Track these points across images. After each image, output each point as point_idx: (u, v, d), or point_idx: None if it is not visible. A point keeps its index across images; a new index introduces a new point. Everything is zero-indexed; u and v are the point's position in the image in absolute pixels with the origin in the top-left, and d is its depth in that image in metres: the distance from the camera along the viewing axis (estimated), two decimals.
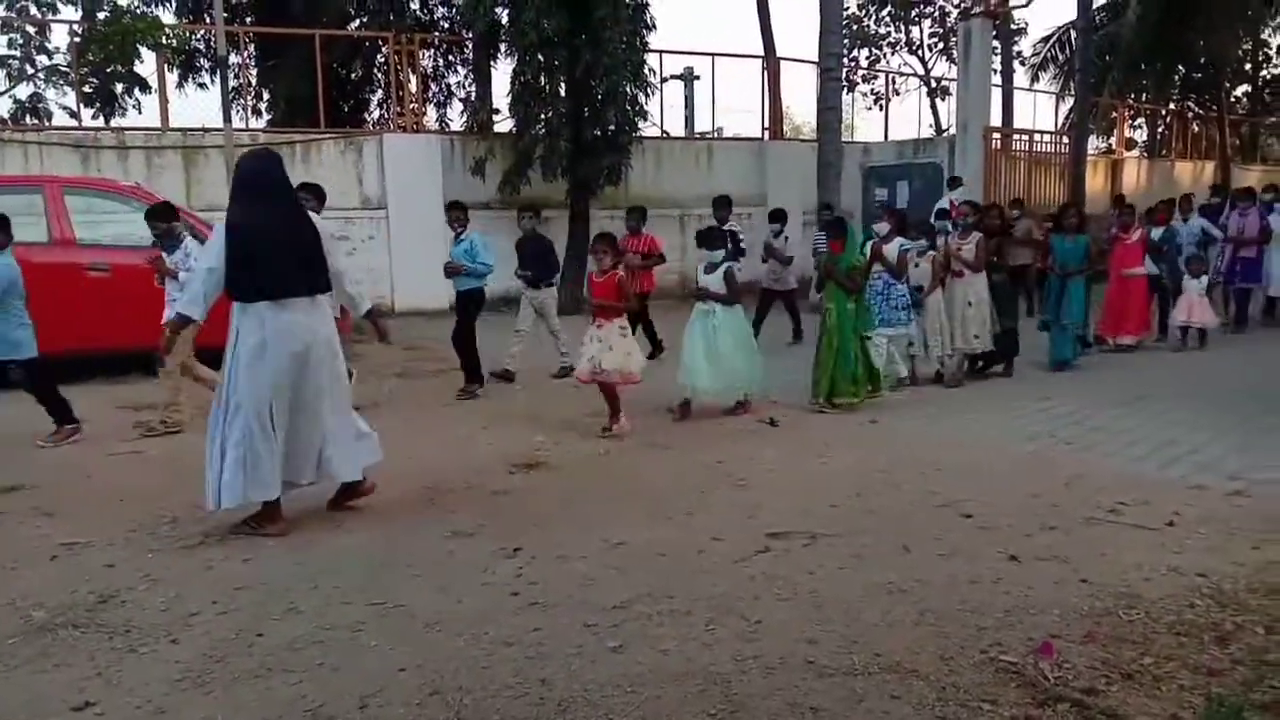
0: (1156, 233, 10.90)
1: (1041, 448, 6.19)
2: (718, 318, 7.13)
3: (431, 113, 19.25)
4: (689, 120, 21.91)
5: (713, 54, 18.73)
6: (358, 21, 18.79)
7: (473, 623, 3.56)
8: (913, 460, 5.87)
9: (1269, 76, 31.80)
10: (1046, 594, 3.74)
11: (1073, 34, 22.03)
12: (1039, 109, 33.28)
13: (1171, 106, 27.73)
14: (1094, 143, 23.59)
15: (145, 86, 15.43)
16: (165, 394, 6.91)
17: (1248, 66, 30.18)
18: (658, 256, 9.97)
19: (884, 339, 8.04)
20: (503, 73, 16.18)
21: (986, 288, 8.42)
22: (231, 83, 13.77)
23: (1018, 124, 21.08)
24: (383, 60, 18.10)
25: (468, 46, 18.00)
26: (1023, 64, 26.93)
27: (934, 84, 28.39)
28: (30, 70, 15.69)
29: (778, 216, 11.26)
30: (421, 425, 6.98)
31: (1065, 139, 18.79)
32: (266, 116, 18.90)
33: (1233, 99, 29.73)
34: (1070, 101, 22.65)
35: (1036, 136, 18.22)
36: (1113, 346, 10.17)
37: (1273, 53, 30.90)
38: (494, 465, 5.87)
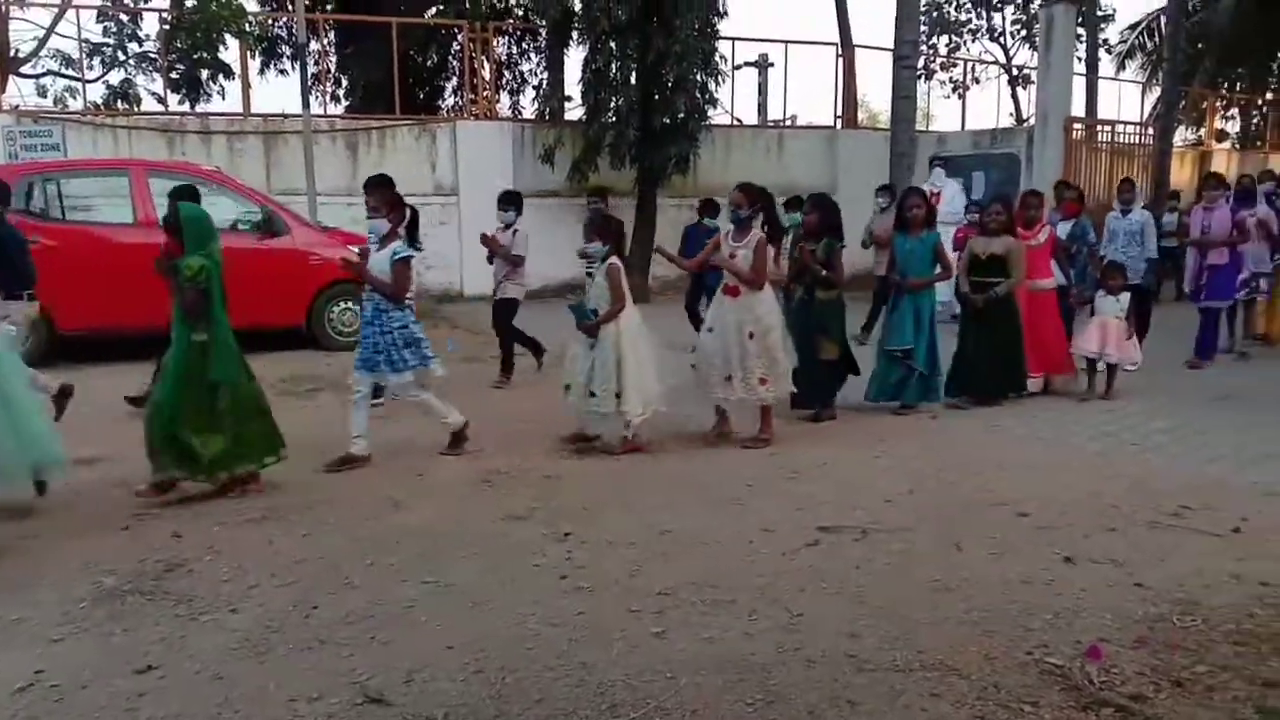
0: (1063, 228, 8.38)
1: (1106, 448, 6.04)
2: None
3: (504, 100, 19.46)
4: (761, 108, 21.72)
5: (786, 41, 18.55)
6: (434, 9, 19.06)
7: (520, 603, 3.64)
8: (972, 458, 5.78)
9: None
10: (1099, 597, 3.67)
11: (1163, 20, 21.24)
12: (1124, 99, 32.26)
13: (1269, 96, 26.60)
14: (1183, 134, 22.75)
15: (229, 73, 15.90)
16: None
17: None
18: None
19: (366, 386, 5.65)
20: (575, 60, 16.28)
21: (775, 310, 6.15)
22: (311, 69, 14.09)
23: (1101, 114, 20.47)
24: (457, 48, 18.34)
25: (541, 34, 18.12)
26: (1109, 52, 26.12)
27: (1015, 72, 27.70)
28: (122, 57, 16.27)
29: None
30: (479, 408, 6.99)
31: (1150, 130, 18.16)
32: (344, 103, 19.32)
33: None
34: (1158, 91, 21.89)
35: (1120, 127, 17.66)
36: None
37: None
38: (548, 449, 5.94)
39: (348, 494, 5.06)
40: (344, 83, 19.32)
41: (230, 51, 15.54)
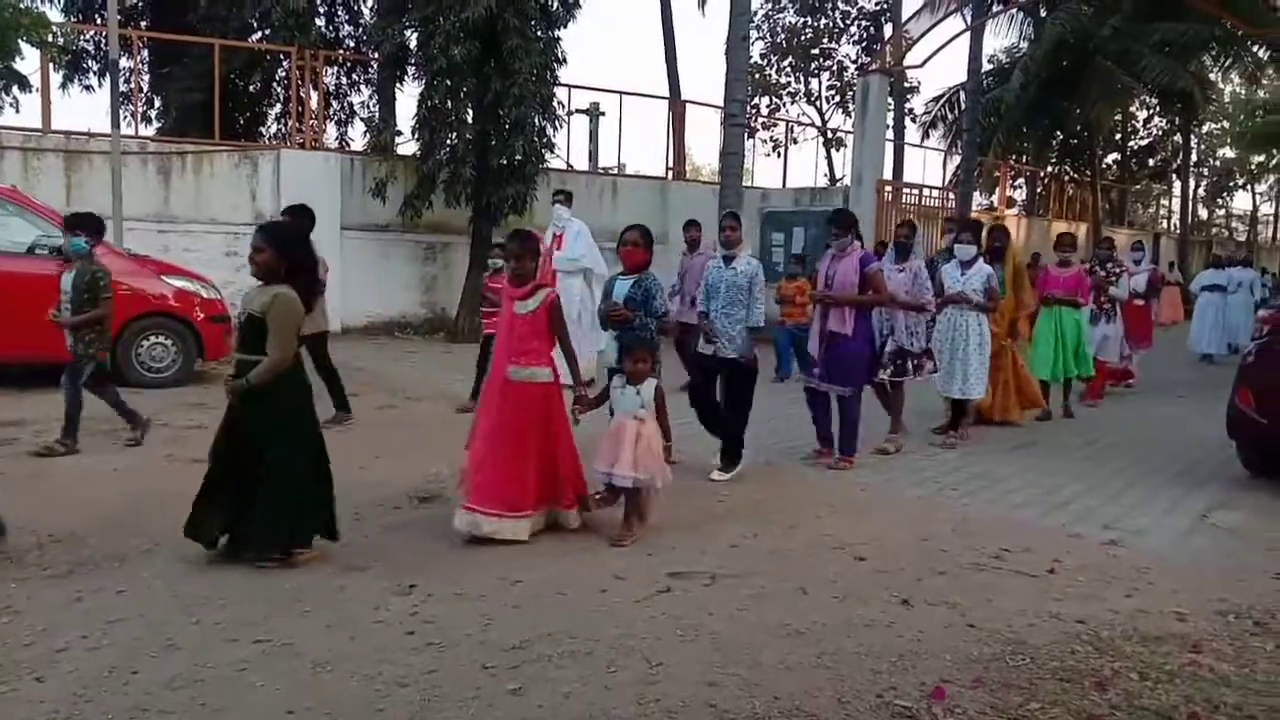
0: (621, 287, 6.03)
1: (929, 493, 6.37)
2: None
3: (331, 130, 18.85)
4: (593, 155, 22.04)
5: (620, 92, 18.98)
6: (259, 34, 18.29)
7: (366, 663, 3.44)
8: (807, 501, 5.97)
9: (1136, 147, 34.29)
10: (937, 638, 3.84)
11: (962, 95, 23.09)
12: (928, 165, 34.85)
13: (1049, 169, 29.42)
14: (978, 199, 24.77)
15: (25, 85, 14.64)
16: None
17: (1118, 136, 32.43)
18: None
19: None
20: (408, 95, 16.03)
21: None
22: (121, 87, 13.21)
23: (908, 178, 22.01)
24: (284, 74, 17.65)
25: (373, 66, 17.72)
26: (914, 121, 28.16)
27: (830, 135, 29.36)
28: None
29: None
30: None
31: (951, 194, 19.66)
32: (156, 124, 18.18)
33: (1104, 165, 31.78)
34: (957, 159, 23.73)
35: (925, 191, 19.01)
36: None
37: (1139, 125, 33.43)
38: (389, 497, 5.71)
39: (164, 544, 4.67)
40: (157, 103, 18.19)
41: (28, 62, 14.35)
